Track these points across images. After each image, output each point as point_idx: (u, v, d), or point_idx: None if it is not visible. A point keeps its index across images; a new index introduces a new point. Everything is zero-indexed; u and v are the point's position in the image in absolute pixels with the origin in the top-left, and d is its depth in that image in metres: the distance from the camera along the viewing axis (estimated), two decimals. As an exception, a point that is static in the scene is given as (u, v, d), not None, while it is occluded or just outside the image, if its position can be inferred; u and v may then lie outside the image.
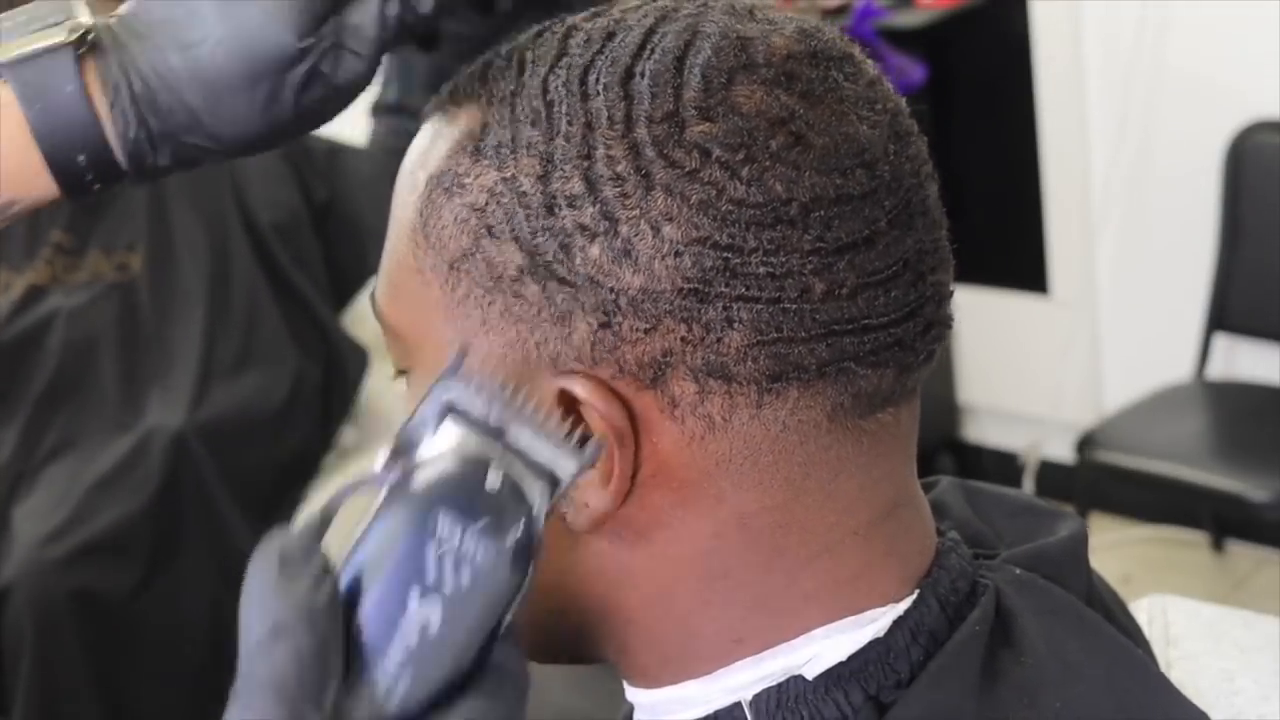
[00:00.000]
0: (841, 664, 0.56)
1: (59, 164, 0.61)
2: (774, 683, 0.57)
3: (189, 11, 0.60)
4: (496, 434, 0.52)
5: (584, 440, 0.53)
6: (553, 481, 0.52)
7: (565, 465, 0.52)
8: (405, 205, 0.59)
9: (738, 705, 0.57)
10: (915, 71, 2.62)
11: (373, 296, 0.62)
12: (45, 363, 2.03)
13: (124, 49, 0.60)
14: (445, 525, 0.49)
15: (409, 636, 0.49)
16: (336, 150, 2.23)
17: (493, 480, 0.51)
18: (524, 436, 0.52)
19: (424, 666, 0.49)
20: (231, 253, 2.11)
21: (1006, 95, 2.75)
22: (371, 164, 2.20)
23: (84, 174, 0.61)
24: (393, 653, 0.49)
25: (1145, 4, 2.49)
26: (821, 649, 0.57)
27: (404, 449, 0.52)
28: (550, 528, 0.56)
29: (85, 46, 0.60)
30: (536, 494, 0.52)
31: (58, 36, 0.60)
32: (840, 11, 2.71)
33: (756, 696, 0.57)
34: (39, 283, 2.05)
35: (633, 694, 0.62)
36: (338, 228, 2.22)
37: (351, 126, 2.35)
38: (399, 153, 0.61)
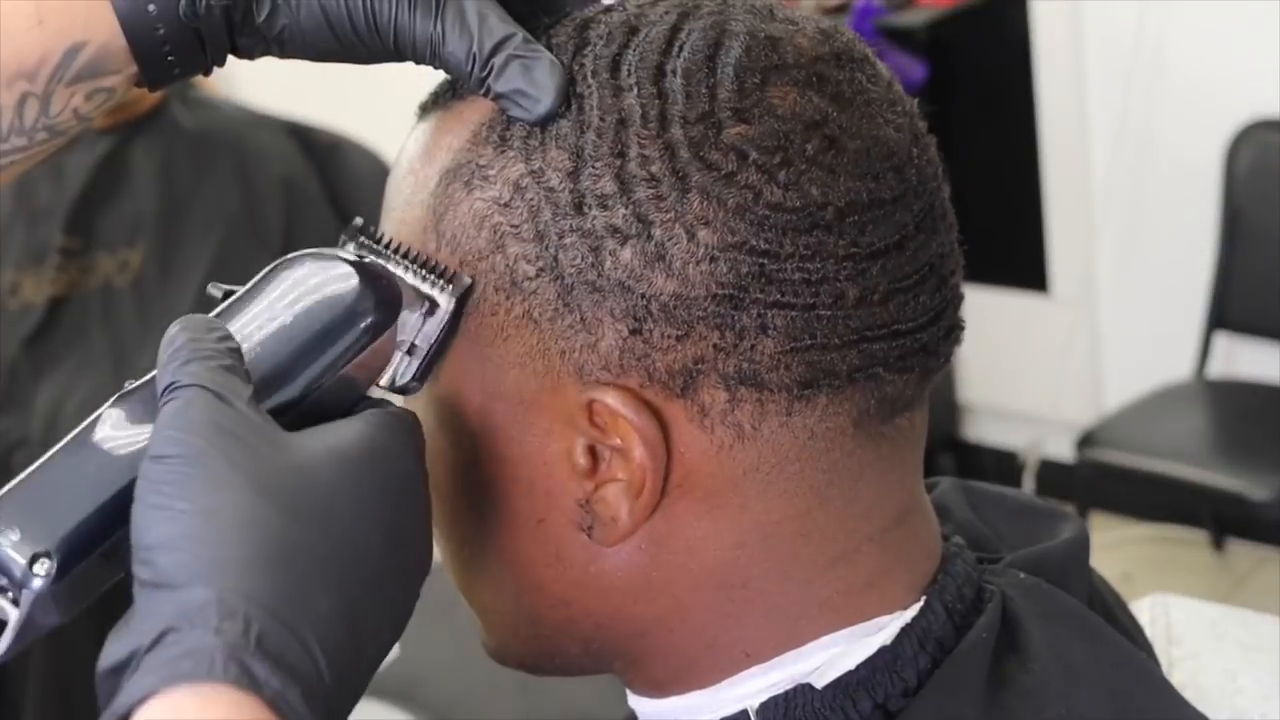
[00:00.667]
0: (850, 673, 0.56)
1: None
2: (781, 691, 0.56)
3: None
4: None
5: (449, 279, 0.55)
6: (431, 306, 0.55)
7: (442, 298, 0.55)
8: (412, 204, 0.58)
9: (744, 713, 0.57)
10: (915, 71, 2.62)
11: None
12: (56, 377, 2.03)
13: None
14: (308, 263, 0.54)
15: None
16: (337, 145, 2.24)
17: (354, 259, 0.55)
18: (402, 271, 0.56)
19: (275, 343, 0.54)
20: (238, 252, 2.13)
21: (1006, 95, 2.75)
22: (369, 161, 2.20)
23: (154, 25, 0.56)
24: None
25: (1145, 4, 2.49)
26: (829, 657, 0.56)
27: None
28: (568, 543, 0.56)
29: None
30: (412, 298, 0.55)
31: None
32: (840, 10, 2.72)
33: (763, 705, 0.56)
34: (58, 294, 2.05)
35: (635, 702, 0.61)
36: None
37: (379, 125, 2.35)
38: None
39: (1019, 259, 2.82)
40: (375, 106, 2.27)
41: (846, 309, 0.52)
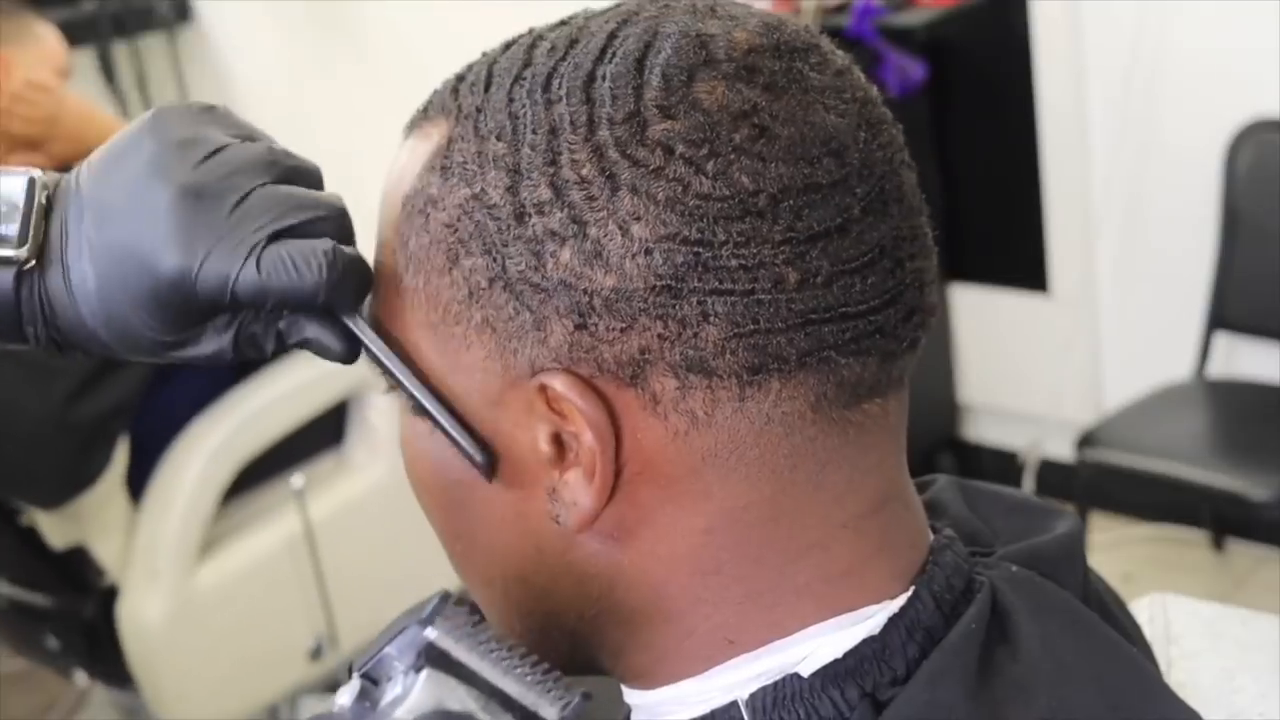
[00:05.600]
0: (837, 661, 0.56)
1: None
2: (770, 680, 0.57)
3: (78, 260, 0.60)
4: (479, 682, 0.52)
5: (566, 686, 0.52)
6: None
7: (549, 712, 0.52)
8: (386, 226, 0.60)
9: (734, 704, 0.57)
10: (915, 71, 2.62)
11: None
12: None
13: (46, 267, 0.60)
14: None
15: None
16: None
17: None
18: (508, 685, 0.52)
19: None
20: None
21: (1006, 95, 2.75)
22: None
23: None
24: None
25: (1145, 4, 2.49)
26: (817, 646, 0.57)
27: (373, 683, 0.52)
28: (545, 534, 0.58)
29: (28, 265, 0.60)
30: None
31: (7, 249, 0.60)
32: (840, 10, 2.72)
33: (753, 695, 0.57)
34: None
35: (629, 695, 0.62)
36: None
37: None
38: None
39: (1019, 259, 2.82)
40: (378, 119, 2.27)
41: (788, 292, 0.53)
